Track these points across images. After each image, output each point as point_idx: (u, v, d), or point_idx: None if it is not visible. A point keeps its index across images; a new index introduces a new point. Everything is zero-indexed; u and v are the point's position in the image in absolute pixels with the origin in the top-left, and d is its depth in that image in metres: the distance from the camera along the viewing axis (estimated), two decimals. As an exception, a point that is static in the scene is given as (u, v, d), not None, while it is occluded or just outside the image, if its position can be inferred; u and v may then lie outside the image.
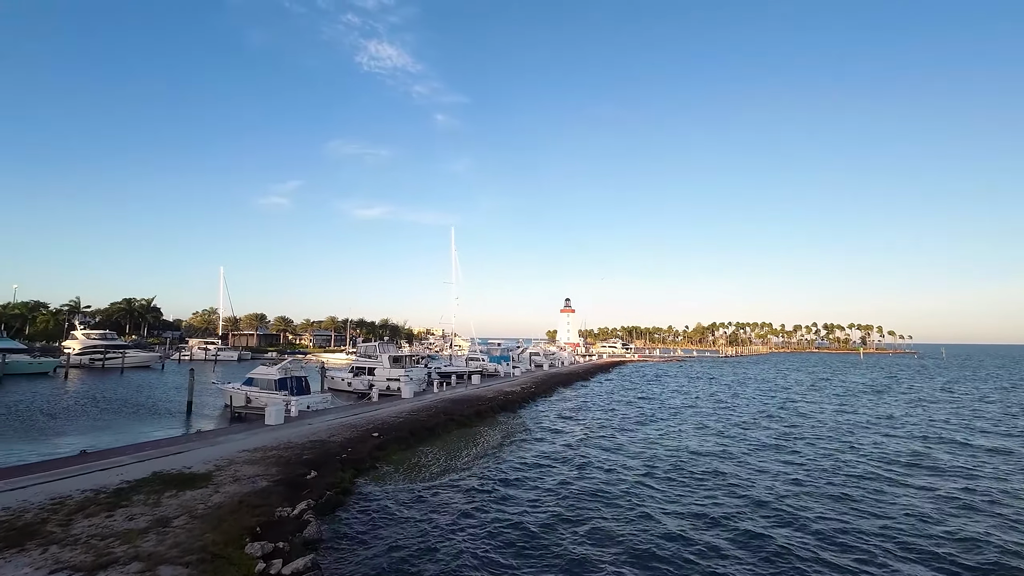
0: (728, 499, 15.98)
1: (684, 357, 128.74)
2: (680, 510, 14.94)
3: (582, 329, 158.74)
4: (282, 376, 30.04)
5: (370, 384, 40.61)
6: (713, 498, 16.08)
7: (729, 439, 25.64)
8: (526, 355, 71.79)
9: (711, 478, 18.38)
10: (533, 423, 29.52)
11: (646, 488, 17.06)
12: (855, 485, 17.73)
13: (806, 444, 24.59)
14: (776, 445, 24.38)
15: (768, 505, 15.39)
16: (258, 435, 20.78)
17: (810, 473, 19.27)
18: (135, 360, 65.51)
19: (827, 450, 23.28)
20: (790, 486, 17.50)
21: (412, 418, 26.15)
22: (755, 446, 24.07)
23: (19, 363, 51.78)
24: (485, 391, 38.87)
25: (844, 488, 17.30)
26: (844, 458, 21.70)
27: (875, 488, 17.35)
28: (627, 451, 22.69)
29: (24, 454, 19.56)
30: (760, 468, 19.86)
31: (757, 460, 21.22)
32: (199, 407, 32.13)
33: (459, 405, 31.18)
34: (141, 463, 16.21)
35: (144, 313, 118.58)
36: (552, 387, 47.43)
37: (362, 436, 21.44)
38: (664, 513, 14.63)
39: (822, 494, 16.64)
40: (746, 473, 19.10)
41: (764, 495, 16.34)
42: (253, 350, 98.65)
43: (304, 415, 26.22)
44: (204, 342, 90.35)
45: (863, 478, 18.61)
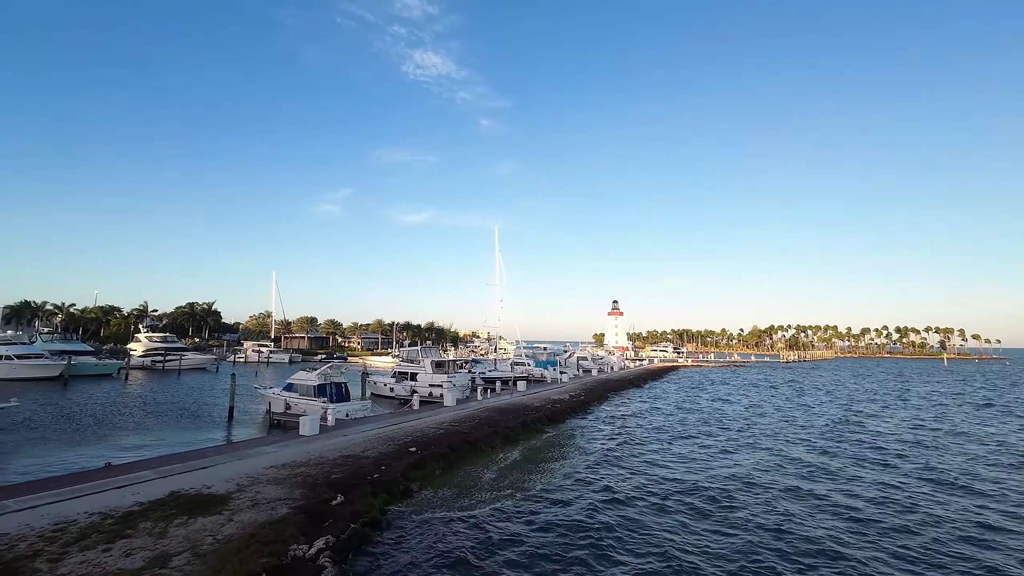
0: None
1: (741, 362, 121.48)
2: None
3: (630, 332, 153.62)
4: (321, 382, 28.97)
5: (412, 390, 39.18)
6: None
7: (825, 472, 22.12)
8: (573, 360, 69.01)
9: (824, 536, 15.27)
10: (585, 438, 26.95)
11: (750, 535, 14.22)
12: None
13: (926, 487, 20.57)
14: (879, 482, 20.68)
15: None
16: (289, 448, 19.41)
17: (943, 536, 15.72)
18: (192, 362, 67.69)
19: (954, 497, 19.17)
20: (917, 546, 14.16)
21: (453, 430, 24.24)
22: (860, 480, 20.50)
23: (85, 365, 54.20)
24: (531, 399, 36.60)
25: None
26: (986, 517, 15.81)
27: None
28: (699, 480, 19.76)
29: (57, 463, 19.05)
30: (868, 517, 16.50)
31: (873, 507, 17.78)
32: (242, 412, 31.61)
33: (504, 415, 29.06)
34: (162, 479, 15.02)
35: (205, 316, 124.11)
36: (603, 395, 44.55)
37: (398, 451, 19.67)
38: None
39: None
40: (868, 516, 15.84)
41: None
42: (304, 352, 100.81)
43: (341, 424, 24.86)
44: (258, 345, 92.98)
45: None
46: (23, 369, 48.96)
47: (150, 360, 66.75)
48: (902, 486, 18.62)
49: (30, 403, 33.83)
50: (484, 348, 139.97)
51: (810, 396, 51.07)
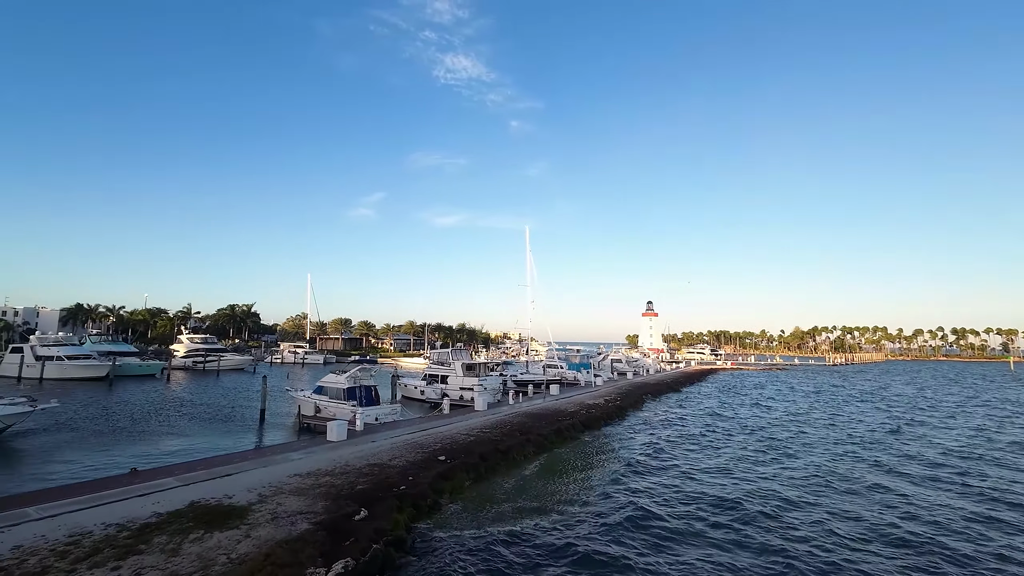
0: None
1: (784, 365, 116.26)
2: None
3: (665, 334, 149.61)
4: (351, 385, 28.48)
5: (443, 393, 38.45)
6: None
7: (887, 492, 20.01)
8: (607, 362, 67.11)
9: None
10: (623, 446, 25.45)
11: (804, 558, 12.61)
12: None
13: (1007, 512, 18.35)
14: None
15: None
16: (315, 455, 18.77)
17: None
18: (230, 363, 69.29)
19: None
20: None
21: (484, 436, 23.21)
22: (925, 502, 18.37)
23: (130, 365, 56.04)
24: (565, 404, 35.25)
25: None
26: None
27: None
28: (748, 498, 18.06)
29: (88, 465, 19.01)
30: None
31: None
32: (274, 414, 31.51)
33: (537, 421, 27.86)
34: (185, 487, 14.53)
35: (245, 318, 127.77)
36: (639, 399, 42.73)
37: (427, 459, 18.75)
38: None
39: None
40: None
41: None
42: (338, 353, 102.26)
43: (370, 429, 24.20)
44: (294, 346, 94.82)
45: None
46: (73, 369, 50.91)
47: (191, 361, 68.70)
48: (979, 516, 16.45)
49: (74, 403, 34.78)
50: (515, 349, 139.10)
51: (863, 402, 47.75)
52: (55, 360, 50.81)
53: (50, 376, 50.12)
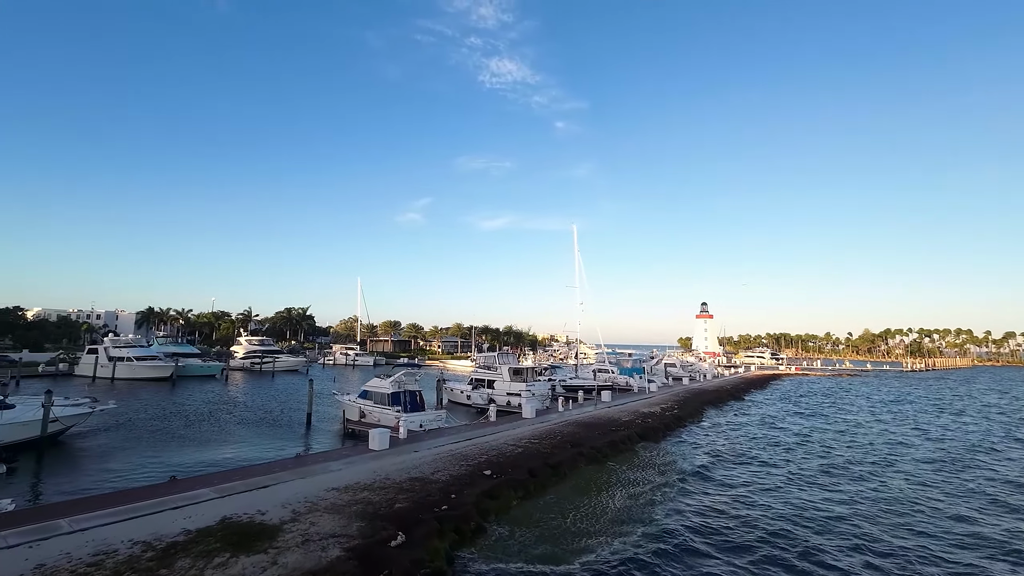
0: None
1: (856, 370, 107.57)
2: None
3: (721, 336, 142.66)
4: (395, 390, 27.70)
5: (489, 398, 37.26)
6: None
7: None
8: (661, 367, 63.93)
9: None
10: (685, 462, 23.15)
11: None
12: None
13: None
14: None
15: None
16: (355, 465, 17.83)
17: None
18: (285, 364, 71.33)
19: None
20: None
21: (532, 448, 21.63)
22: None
23: (192, 366, 58.46)
24: (619, 412, 33.11)
25: None
26: None
27: None
28: (836, 535, 15.54)
29: (132, 470, 18.99)
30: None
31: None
32: (321, 418, 31.33)
33: (589, 431, 26.00)
34: (220, 500, 13.84)
35: (300, 321, 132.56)
36: (698, 408, 39.81)
37: (471, 474, 17.40)
38: None
39: None
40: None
41: None
42: (387, 355, 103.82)
43: (413, 437, 23.18)
44: (345, 348, 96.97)
45: None
46: (141, 370, 53.59)
47: (249, 362, 71.23)
48: None
49: (136, 404, 36.07)
50: (563, 352, 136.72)
51: (961, 415, 42.54)
52: (125, 361, 53.67)
53: (121, 376, 52.98)
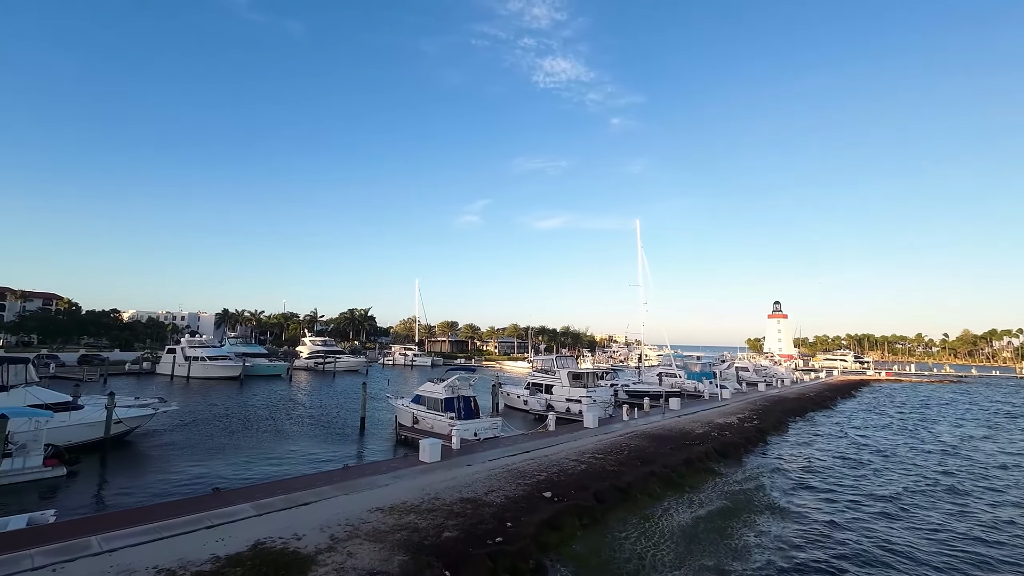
0: None
1: (959, 376, 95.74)
2: None
3: (796, 337, 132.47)
4: (448, 396, 26.33)
5: (548, 404, 35.23)
6: None
7: None
8: (732, 371, 59.17)
9: None
10: (776, 488, 20.04)
11: None
12: None
13: None
14: None
15: None
16: (403, 480, 16.40)
17: None
18: (346, 365, 72.78)
19: None
20: None
21: (596, 465, 19.40)
22: None
23: (259, 366, 60.58)
24: (691, 423, 30.07)
25: None
26: None
27: None
28: None
29: (182, 476, 18.57)
30: None
31: None
32: (375, 422, 30.61)
33: (659, 446, 23.36)
34: (257, 519, 12.76)
35: (363, 321, 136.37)
36: (781, 419, 35.73)
37: (529, 495, 15.47)
38: None
39: None
40: None
41: None
42: (445, 356, 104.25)
43: (466, 448, 21.60)
44: (404, 348, 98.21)
45: None
46: (214, 369, 56.03)
47: (313, 362, 73.29)
48: None
49: (204, 402, 37.10)
50: (623, 354, 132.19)
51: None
52: (199, 360, 56.32)
53: (195, 375, 55.64)
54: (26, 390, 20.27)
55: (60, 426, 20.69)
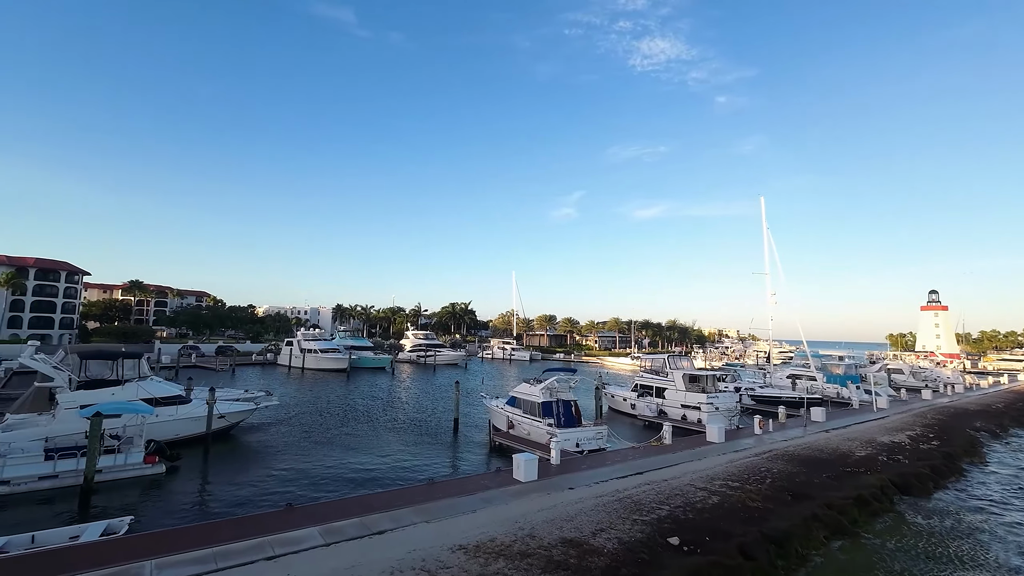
0: None
1: None
2: None
3: (958, 333, 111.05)
4: (546, 399, 23.51)
5: (659, 410, 31.02)
6: None
7: None
8: (883, 373, 49.44)
9: None
10: (994, 538, 14.45)
11: None
12: None
13: None
14: None
15: None
16: (494, 506, 13.80)
17: None
18: (446, 358, 73.36)
19: None
20: None
21: (733, 497, 15.33)
22: None
23: (365, 359, 62.78)
24: (844, 441, 24.30)
25: None
26: None
27: None
28: None
29: (266, 484, 17.74)
30: None
31: None
32: (469, 423, 28.82)
33: (811, 472, 18.49)
34: (325, 548, 10.97)
35: (463, 315, 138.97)
36: (970, 439, 27.92)
37: (649, 540, 12.06)
38: None
39: None
40: None
41: None
42: (543, 349, 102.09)
43: (567, 463, 18.59)
44: (502, 342, 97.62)
45: None
46: (325, 361, 58.92)
47: (415, 355, 74.96)
48: None
49: (310, 394, 38.10)
50: (737, 350, 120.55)
51: None
52: (312, 352, 59.56)
53: (309, 366, 58.93)
54: (138, 384, 21.08)
55: (168, 420, 21.19)
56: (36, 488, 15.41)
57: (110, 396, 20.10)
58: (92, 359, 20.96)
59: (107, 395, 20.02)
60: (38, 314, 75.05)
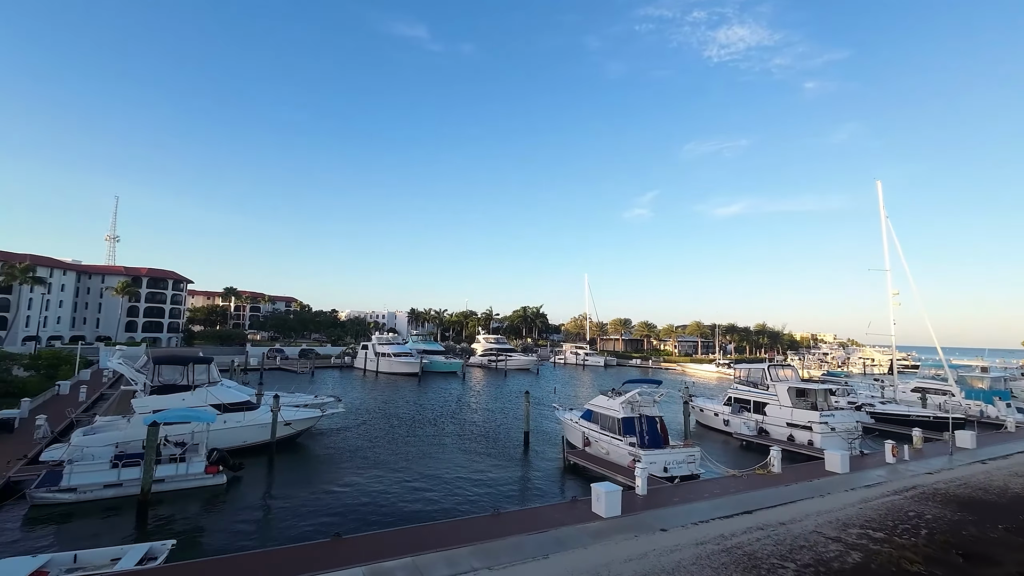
0: None
1: None
2: None
3: None
4: (627, 415, 20.73)
5: (758, 428, 27.00)
6: None
7: None
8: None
9: None
10: None
11: None
12: None
13: None
14: None
15: None
16: (568, 551, 11.42)
17: None
18: (517, 363, 71.66)
19: None
20: None
21: (879, 552, 11.86)
22: None
23: (436, 363, 62.56)
24: (1013, 476, 19.27)
25: None
26: None
27: None
28: None
29: (322, 502, 16.48)
30: None
31: None
32: (540, 436, 26.61)
33: (979, 518, 14.33)
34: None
35: (535, 319, 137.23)
36: None
37: (778, 618, 9.10)
38: None
39: None
40: None
41: None
42: (618, 355, 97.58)
43: (656, 495, 15.80)
44: (575, 347, 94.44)
45: None
46: (397, 365, 59.29)
47: (486, 359, 74.02)
48: None
49: (381, 398, 37.68)
50: (838, 357, 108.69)
51: None
52: (385, 356, 60.20)
53: (383, 370, 59.60)
54: (207, 390, 21.03)
55: (235, 427, 20.87)
56: (101, 496, 15.25)
57: (180, 401, 20.13)
58: (165, 363, 21.24)
59: (177, 400, 20.08)
60: (149, 319, 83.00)
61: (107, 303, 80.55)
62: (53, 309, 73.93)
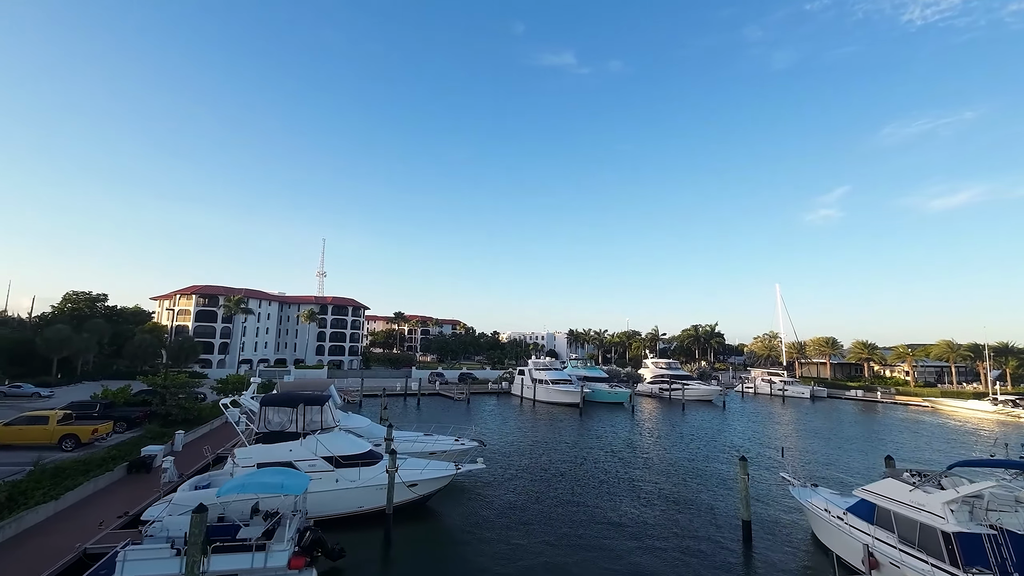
0: None
1: None
2: None
3: None
4: (964, 529, 10.98)
5: None
6: None
7: None
8: None
9: None
10: None
11: None
12: None
13: None
14: None
15: None
16: None
17: None
18: (696, 393, 59.97)
19: None
20: None
21: None
22: None
23: (599, 392, 54.85)
24: None
25: None
26: None
27: None
28: None
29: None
30: None
31: None
32: (765, 528, 17.31)
33: None
34: None
35: (709, 339, 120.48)
36: None
37: None
38: None
39: None
40: None
41: None
42: (828, 384, 77.57)
43: None
44: (768, 373, 77.78)
45: None
46: (556, 394, 53.17)
47: (657, 388, 63.89)
48: None
49: (535, 438, 31.59)
50: None
51: None
52: (541, 384, 54.64)
53: (540, 398, 54.05)
54: (318, 439, 17.04)
55: (347, 488, 16.41)
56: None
57: (287, 453, 16.44)
58: (272, 405, 17.90)
59: (283, 451, 16.43)
60: (334, 343, 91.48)
61: (302, 329, 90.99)
62: (261, 336, 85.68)
